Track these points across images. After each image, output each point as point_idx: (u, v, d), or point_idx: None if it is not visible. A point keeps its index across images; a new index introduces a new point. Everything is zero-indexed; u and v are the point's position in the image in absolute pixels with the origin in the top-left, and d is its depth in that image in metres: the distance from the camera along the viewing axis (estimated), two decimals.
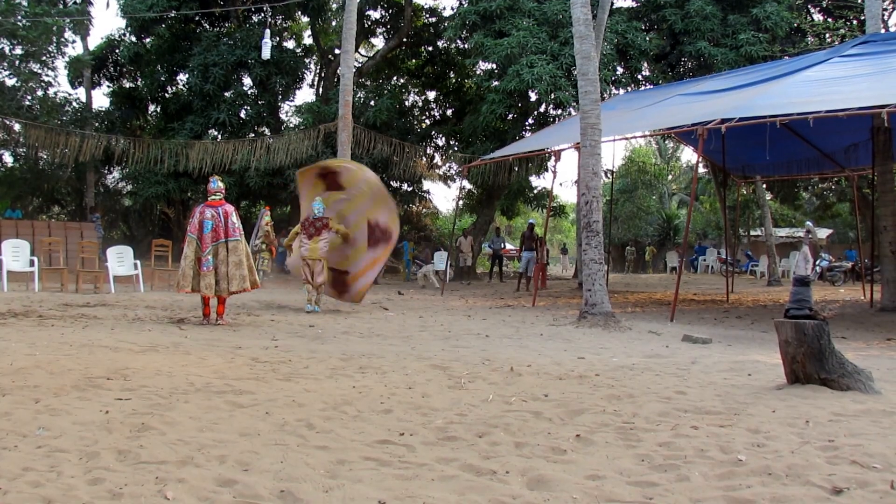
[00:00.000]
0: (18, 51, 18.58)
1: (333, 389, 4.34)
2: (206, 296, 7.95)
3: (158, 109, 23.98)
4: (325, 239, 9.88)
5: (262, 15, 22.55)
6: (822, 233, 28.51)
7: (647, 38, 18.35)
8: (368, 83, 23.16)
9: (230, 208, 8.04)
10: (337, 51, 22.17)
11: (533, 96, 18.16)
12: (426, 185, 25.20)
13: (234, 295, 8.46)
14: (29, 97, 19.37)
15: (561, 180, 48.51)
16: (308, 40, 25.57)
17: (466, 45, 19.98)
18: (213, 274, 7.84)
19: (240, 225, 8.06)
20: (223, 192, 8.18)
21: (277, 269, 16.83)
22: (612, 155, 55.04)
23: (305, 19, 23.97)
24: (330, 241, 9.94)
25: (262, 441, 3.20)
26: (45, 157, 21.99)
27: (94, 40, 43.87)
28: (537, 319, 9.73)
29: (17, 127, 19.21)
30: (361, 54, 24.61)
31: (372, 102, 20.47)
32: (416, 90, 24.75)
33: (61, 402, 3.76)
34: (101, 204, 23.32)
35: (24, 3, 17.99)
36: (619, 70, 18.21)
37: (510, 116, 19.31)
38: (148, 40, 22.29)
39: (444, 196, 69.96)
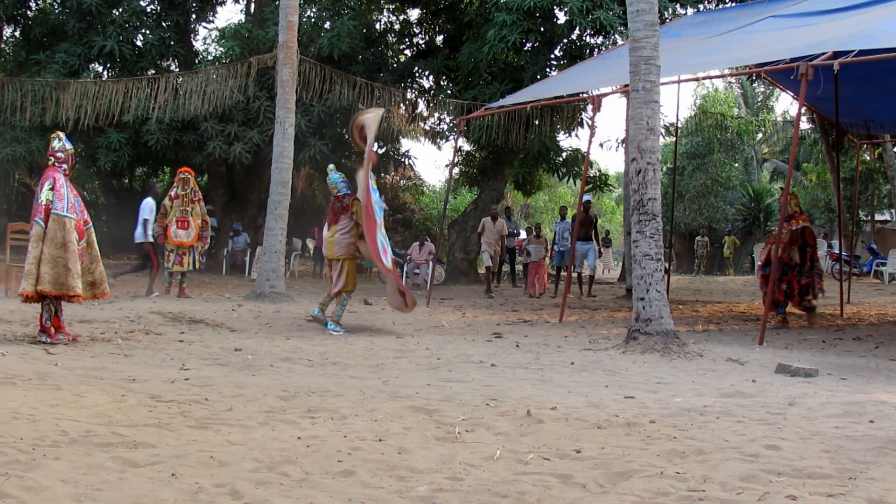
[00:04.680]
0: None
1: (269, 441, 4.35)
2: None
3: (17, 34, 23.80)
4: (344, 229, 9.89)
5: None
6: None
7: None
8: None
9: (46, 174, 8.17)
10: None
11: (561, 17, 18.12)
12: (406, 144, 25.17)
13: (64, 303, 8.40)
14: None
15: (601, 139, 48.68)
16: None
17: None
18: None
19: (51, 197, 7.97)
20: (65, 156, 8.32)
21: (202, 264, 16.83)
22: (677, 103, 54.69)
23: None
24: (356, 232, 9.96)
25: None
26: None
27: None
28: (566, 341, 9.73)
29: None
30: None
31: (327, 25, 20.38)
32: (392, 7, 24.68)
33: None
34: None
35: None
36: None
37: (528, 46, 19.28)
38: None
39: (431, 161, 70.01)
